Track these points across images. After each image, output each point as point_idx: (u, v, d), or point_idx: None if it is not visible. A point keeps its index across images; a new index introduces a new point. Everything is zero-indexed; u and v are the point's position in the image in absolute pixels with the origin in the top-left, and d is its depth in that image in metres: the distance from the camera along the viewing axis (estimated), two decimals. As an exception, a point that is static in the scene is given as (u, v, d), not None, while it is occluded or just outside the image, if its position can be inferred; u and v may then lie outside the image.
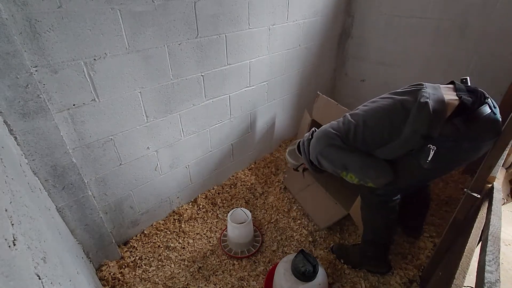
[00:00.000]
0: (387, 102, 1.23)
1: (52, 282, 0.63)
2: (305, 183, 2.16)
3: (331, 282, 1.53)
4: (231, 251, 1.73)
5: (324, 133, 1.38)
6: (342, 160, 1.33)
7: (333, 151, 1.33)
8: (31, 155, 1.12)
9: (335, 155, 1.33)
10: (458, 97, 1.09)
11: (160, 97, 1.54)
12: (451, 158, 1.16)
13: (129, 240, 1.78)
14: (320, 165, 1.43)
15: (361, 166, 1.30)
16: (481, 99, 1.09)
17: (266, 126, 2.40)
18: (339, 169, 1.36)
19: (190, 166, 1.94)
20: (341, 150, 1.31)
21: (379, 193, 1.37)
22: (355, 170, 1.32)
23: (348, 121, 1.32)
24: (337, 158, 1.34)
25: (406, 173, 1.28)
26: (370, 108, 1.28)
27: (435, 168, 1.17)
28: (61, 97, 1.20)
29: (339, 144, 1.31)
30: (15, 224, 0.56)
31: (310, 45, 2.35)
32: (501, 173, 1.28)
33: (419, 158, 1.17)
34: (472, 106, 1.07)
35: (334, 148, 1.32)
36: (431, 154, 1.12)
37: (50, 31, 1.08)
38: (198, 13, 1.50)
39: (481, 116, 1.06)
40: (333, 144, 1.32)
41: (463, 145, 1.11)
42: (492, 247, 0.88)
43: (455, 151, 1.12)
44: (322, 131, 1.42)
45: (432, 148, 1.12)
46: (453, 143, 1.10)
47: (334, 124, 1.40)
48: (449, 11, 1.99)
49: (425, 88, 1.18)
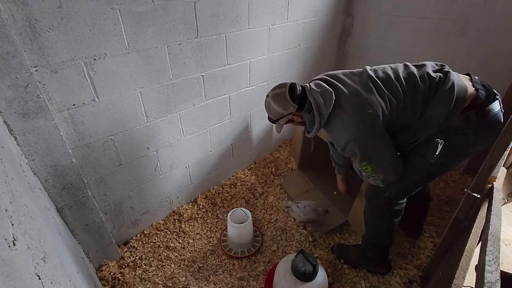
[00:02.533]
0: (421, 74, 1.13)
1: (52, 282, 0.63)
2: (303, 188, 2.16)
3: (331, 282, 1.53)
4: (231, 251, 1.73)
5: (364, 112, 1.11)
6: (373, 151, 1.16)
7: (374, 141, 1.15)
8: (31, 155, 1.12)
9: (371, 145, 1.15)
10: (475, 89, 1.09)
11: (160, 97, 1.54)
12: (458, 151, 1.15)
13: (129, 240, 1.78)
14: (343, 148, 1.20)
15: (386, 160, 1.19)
16: (492, 95, 1.09)
17: (266, 126, 2.40)
18: (364, 160, 1.19)
19: (190, 166, 1.94)
20: (381, 141, 1.15)
21: (386, 197, 1.34)
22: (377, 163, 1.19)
23: (383, 92, 1.14)
24: (371, 148, 1.16)
25: (412, 171, 1.26)
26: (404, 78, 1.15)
27: (441, 163, 1.17)
28: (61, 97, 1.20)
29: (383, 133, 1.14)
30: (15, 224, 0.56)
31: (310, 45, 2.35)
32: (501, 173, 1.28)
33: (426, 153, 1.17)
34: (485, 100, 1.07)
35: (377, 138, 1.14)
36: (439, 148, 1.12)
37: (50, 31, 1.08)
38: (198, 13, 1.50)
39: (491, 112, 1.07)
40: (378, 133, 1.13)
41: (470, 139, 1.11)
42: (492, 247, 0.88)
43: (462, 144, 1.12)
44: (359, 108, 1.12)
45: (440, 142, 1.11)
46: (461, 136, 1.10)
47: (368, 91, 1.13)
48: (449, 11, 1.99)
49: (452, 72, 1.13)
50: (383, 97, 1.13)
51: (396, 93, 1.14)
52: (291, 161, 2.48)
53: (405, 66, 1.21)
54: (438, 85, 1.11)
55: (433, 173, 1.29)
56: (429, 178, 1.35)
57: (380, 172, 1.22)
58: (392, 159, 1.21)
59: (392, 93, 1.14)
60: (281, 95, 1.25)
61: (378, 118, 1.12)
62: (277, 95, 1.26)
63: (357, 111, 1.13)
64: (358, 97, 1.14)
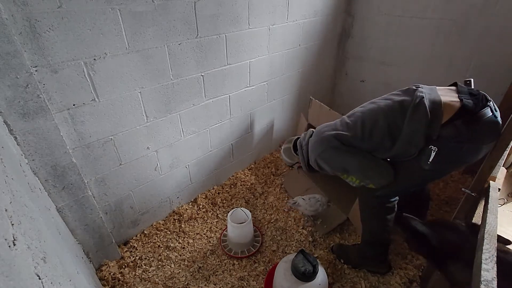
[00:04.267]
0: (385, 103, 1.23)
1: (52, 282, 0.63)
2: (304, 187, 2.16)
3: (331, 282, 1.53)
4: (231, 251, 1.73)
5: (322, 135, 1.37)
6: (342, 163, 1.33)
7: (333, 153, 1.32)
8: (31, 155, 1.12)
9: (335, 158, 1.33)
10: (460, 100, 1.09)
11: (160, 97, 1.54)
12: (452, 159, 1.15)
13: (129, 240, 1.78)
14: (320, 167, 1.42)
15: (361, 167, 1.29)
16: (482, 101, 1.09)
17: (266, 126, 2.40)
18: (339, 171, 1.36)
19: (190, 166, 1.94)
20: (341, 153, 1.30)
21: (377, 195, 1.36)
22: (355, 172, 1.32)
23: (346, 123, 1.32)
24: (336, 161, 1.34)
25: (406, 175, 1.28)
26: (369, 109, 1.28)
27: (435, 169, 1.17)
28: (61, 97, 1.20)
29: (338, 146, 1.30)
30: (15, 224, 0.56)
31: (310, 45, 2.35)
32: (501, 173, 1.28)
33: (420, 159, 1.17)
34: (473, 108, 1.07)
35: (334, 150, 1.31)
36: (432, 155, 1.12)
37: (50, 31, 1.08)
38: (198, 13, 1.50)
39: (482, 118, 1.07)
40: (333, 147, 1.31)
41: (464, 147, 1.11)
42: (489, 245, 0.88)
43: (456, 152, 1.12)
44: (320, 134, 1.40)
45: (434, 149, 1.12)
46: (454, 144, 1.10)
47: (331, 125, 1.39)
48: (449, 11, 1.99)
49: (421, 88, 1.18)
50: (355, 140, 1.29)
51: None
52: (291, 161, 2.48)
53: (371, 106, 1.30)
54: (406, 108, 1.15)
55: (426, 178, 1.31)
56: (423, 183, 1.42)
57: (365, 178, 1.31)
58: (371, 164, 1.28)
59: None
60: (288, 150, 1.69)
61: (336, 142, 1.30)
62: (285, 149, 1.71)
63: (318, 136, 1.41)
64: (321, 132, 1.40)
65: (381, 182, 1.29)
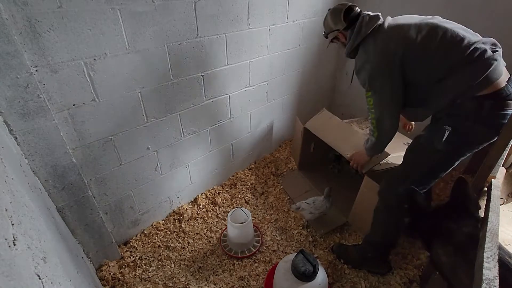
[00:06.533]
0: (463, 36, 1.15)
1: (52, 282, 0.63)
2: (303, 188, 2.15)
3: (331, 282, 1.53)
4: (231, 251, 1.73)
5: (390, 50, 1.21)
6: (380, 86, 1.27)
7: (384, 72, 1.23)
8: (31, 155, 1.12)
9: (380, 77, 1.25)
10: (506, 82, 1.10)
11: (160, 97, 1.54)
12: (464, 140, 1.17)
13: (129, 240, 1.78)
14: (358, 70, 1.34)
15: (387, 102, 1.29)
16: None
17: (266, 126, 2.40)
18: (370, 87, 1.30)
19: (190, 166, 1.94)
20: (389, 79, 1.23)
21: (399, 193, 1.33)
22: (379, 99, 1.30)
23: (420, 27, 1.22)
24: (379, 83, 1.27)
25: (420, 157, 1.29)
26: (452, 28, 1.18)
27: (448, 150, 1.19)
28: (61, 97, 1.20)
29: (395, 75, 1.22)
30: (15, 224, 0.56)
31: (310, 45, 2.35)
32: (501, 172, 1.28)
33: (433, 139, 1.19)
34: (508, 96, 1.08)
35: (388, 78, 1.23)
36: (446, 134, 1.14)
37: (50, 31, 1.08)
38: (198, 13, 1.50)
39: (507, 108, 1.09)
40: (393, 78, 1.22)
41: (478, 128, 1.13)
42: (490, 244, 0.88)
43: (469, 132, 1.15)
44: (388, 43, 1.22)
45: (448, 128, 1.14)
46: (469, 123, 1.12)
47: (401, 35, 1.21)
48: (449, 11, 1.99)
49: (498, 56, 1.13)
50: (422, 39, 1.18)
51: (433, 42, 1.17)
52: (291, 161, 2.48)
53: (463, 29, 1.21)
54: (479, 56, 1.10)
55: (440, 162, 1.28)
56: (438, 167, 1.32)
57: (378, 109, 1.32)
58: (393, 106, 1.29)
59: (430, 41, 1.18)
60: (337, 12, 1.38)
61: (398, 59, 1.19)
62: (335, 10, 1.39)
63: (382, 43, 1.23)
64: (392, 33, 1.24)
65: (385, 123, 1.32)
